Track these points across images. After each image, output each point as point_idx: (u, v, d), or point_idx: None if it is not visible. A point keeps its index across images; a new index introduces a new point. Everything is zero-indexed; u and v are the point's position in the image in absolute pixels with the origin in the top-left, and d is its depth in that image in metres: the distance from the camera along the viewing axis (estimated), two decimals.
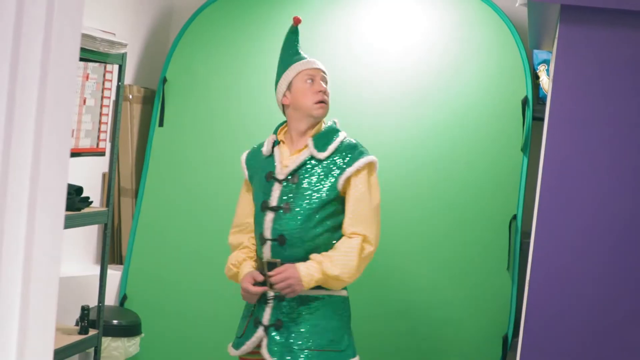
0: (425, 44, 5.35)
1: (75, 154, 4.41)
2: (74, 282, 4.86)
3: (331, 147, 3.92)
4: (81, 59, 4.28)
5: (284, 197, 3.89)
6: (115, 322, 4.80)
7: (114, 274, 5.32)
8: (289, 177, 3.90)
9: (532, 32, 4.26)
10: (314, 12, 5.43)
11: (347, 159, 3.93)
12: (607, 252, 3.55)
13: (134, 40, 5.60)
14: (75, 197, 4.22)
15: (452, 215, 5.16)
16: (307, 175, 3.91)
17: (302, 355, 3.82)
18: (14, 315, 1.29)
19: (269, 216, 3.89)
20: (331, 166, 3.91)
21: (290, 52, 4.08)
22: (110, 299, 5.28)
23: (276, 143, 4.01)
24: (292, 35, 4.12)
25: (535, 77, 5.33)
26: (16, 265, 1.28)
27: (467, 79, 5.26)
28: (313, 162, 3.92)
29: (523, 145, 5.15)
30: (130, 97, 5.47)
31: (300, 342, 3.84)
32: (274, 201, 3.90)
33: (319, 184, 3.89)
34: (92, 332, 4.43)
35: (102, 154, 4.61)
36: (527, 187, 5.28)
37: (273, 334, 3.87)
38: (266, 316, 3.90)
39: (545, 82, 5.18)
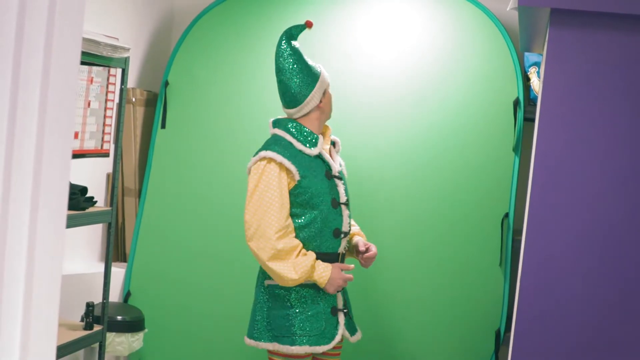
0: (420, 47, 5.34)
1: (80, 155, 4.40)
2: (79, 280, 4.86)
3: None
4: (85, 63, 4.27)
5: (346, 193, 4.21)
6: (119, 318, 4.79)
7: (118, 272, 5.32)
8: (339, 174, 4.20)
9: (523, 35, 4.25)
10: (311, 17, 5.42)
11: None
12: (597, 249, 3.55)
13: (137, 45, 5.59)
14: (80, 197, 4.21)
15: (446, 214, 5.16)
16: (341, 171, 4.27)
17: (355, 325, 4.31)
18: (17, 312, 1.28)
19: (346, 212, 4.19)
20: (340, 161, 4.33)
21: (309, 61, 4.26)
22: (115, 296, 5.27)
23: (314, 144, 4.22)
24: (295, 39, 4.27)
25: (526, 79, 5.33)
26: (19, 263, 1.27)
27: (460, 81, 5.25)
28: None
29: (514, 146, 5.14)
30: (134, 99, 5.46)
31: (352, 313, 4.31)
32: (343, 197, 4.17)
33: (344, 177, 4.30)
34: (96, 327, 4.42)
35: (106, 155, 4.60)
36: (518, 186, 5.28)
37: (346, 315, 4.22)
38: (340, 302, 4.20)
39: (536, 83, 5.17)
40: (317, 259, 4.05)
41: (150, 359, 5.32)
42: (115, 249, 5.51)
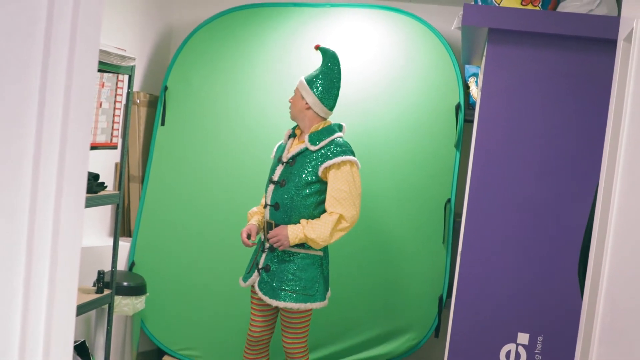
0: (377, 58, 5.35)
1: (92, 147, 4.37)
2: (92, 252, 4.84)
3: (322, 143, 4.17)
4: (98, 70, 4.23)
5: (283, 175, 4.19)
6: (125, 283, 4.77)
7: (124, 245, 5.30)
8: (290, 161, 4.20)
9: (465, 50, 4.27)
10: (291, 33, 5.42)
11: (332, 153, 4.14)
12: (524, 227, 3.59)
13: (141, 55, 5.56)
14: (93, 182, 4.19)
15: (398, 199, 5.17)
16: (300, 161, 4.18)
17: (281, 294, 4.15)
18: (43, 277, 1.28)
19: (271, 188, 4.23)
20: (319, 157, 4.15)
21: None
22: (121, 265, 5.26)
23: (292, 136, 4.35)
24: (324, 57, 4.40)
25: (466, 87, 5.35)
26: (46, 237, 1.27)
27: (411, 88, 5.26)
28: (308, 152, 4.18)
29: (456, 142, 5.16)
30: (138, 101, 5.43)
31: (280, 284, 4.17)
32: (275, 177, 4.23)
33: (305, 169, 4.15)
34: (106, 291, 4.40)
35: (115, 147, 4.56)
36: (459, 176, 5.30)
37: (263, 275, 4.21)
38: (261, 261, 4.25)
39: (475, 91, 5.19)
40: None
41: (151, 318, 5.31)
42: (122, 226, 5.49)
